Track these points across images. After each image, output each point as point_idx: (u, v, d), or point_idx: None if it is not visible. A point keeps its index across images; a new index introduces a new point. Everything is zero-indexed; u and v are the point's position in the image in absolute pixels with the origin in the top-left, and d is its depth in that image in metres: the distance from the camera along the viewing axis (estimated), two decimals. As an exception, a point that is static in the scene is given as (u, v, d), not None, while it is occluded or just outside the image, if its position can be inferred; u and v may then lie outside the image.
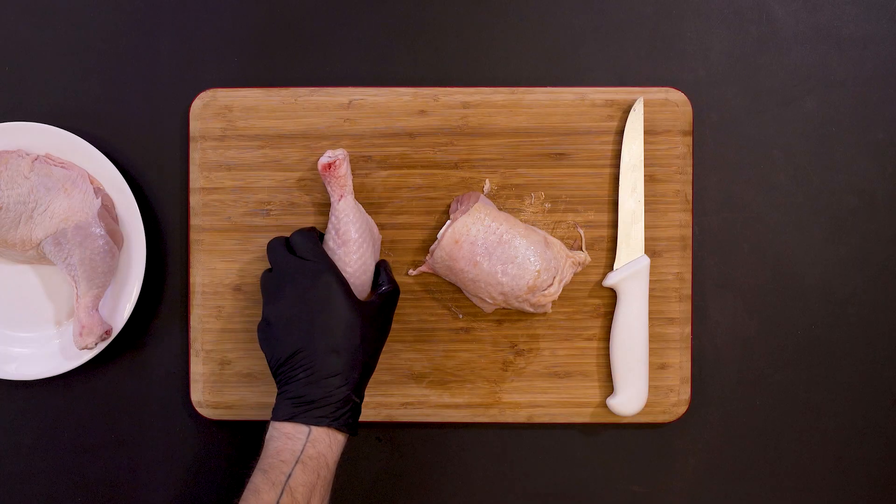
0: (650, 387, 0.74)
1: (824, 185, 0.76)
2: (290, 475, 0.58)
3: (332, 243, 0.68)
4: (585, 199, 0.74)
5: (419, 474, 0.76)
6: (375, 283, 0.70)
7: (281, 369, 0.63)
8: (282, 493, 0.58)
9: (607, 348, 0.74)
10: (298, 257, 0.65)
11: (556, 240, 0.72)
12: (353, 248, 0.67)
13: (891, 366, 0.76)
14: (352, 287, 0.66)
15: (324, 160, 0.67)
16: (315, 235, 0.68)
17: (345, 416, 0.62)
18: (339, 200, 0.68)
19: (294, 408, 0.61)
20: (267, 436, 0.62)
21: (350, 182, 0.68)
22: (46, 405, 0.76)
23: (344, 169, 0.68)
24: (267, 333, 0.65)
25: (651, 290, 0.73)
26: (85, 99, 0.75)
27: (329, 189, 0.69)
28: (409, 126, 0.74)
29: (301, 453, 0.59)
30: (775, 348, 0.76)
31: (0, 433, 0.76)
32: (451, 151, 0.74)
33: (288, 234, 0.69)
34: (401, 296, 0.73)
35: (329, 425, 0.61)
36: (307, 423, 0.60)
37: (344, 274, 0.66)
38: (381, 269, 0.70)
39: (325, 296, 0.63)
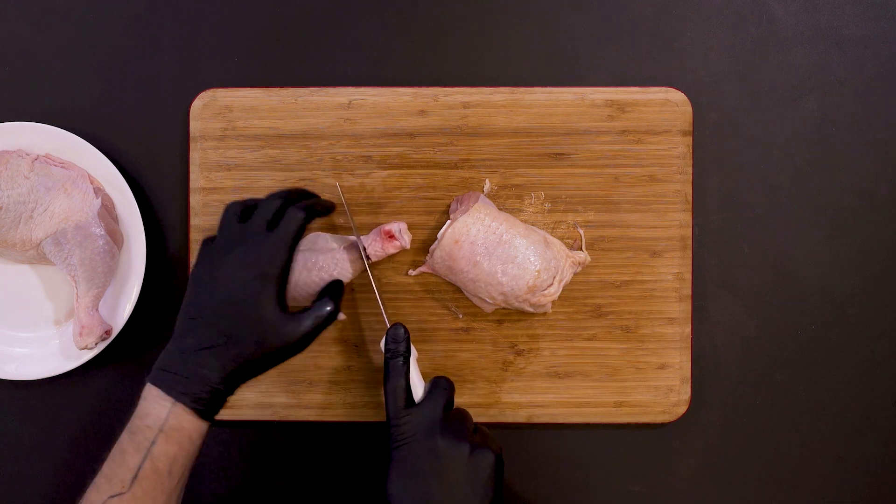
0: (650, 387, 0.74)
1: (824, 185, 0.76)
2: (153, 442, 0.59)
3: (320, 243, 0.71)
4: (585, 199, 0.74)
5: (419, 474, 0.76)
6: (322, 293, 0.67)
7: (179, 320, 0.62)
8: (144, 459, 0.58)
9: (607, 348, 0.74)
10: (255, 232, 0.63)
11: (556, 240, 0.72)
12: (322, 267, 0.70)
13: (891, 366, 0.76)
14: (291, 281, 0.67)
15: (393, 228, 0.70)
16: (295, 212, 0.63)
17: (203, 401, 0.60)
18: (353, 264, 0.70)
19: (163, 373, 0.60)
20: (143, 391, 0.61)
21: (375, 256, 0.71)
22: (46, 405, 0.76)
23: (393, 250, 0.71)
24: (195, 273, 0.64)
25: (651, 290, 0.74)
26: (85, 99, 0.75)
27: (372, 242, 0.71)
28: (409, 126, 0.74)
29: (164, 423, 0.59)
30: (775, 348, 0.76)
31: (0, 433, 0.76)
32: (451, 151, 0.74)
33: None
34: (401, 296, 0.73)
35: (185, 403, 0.60)
36: (169, 393, 0.59)
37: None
38: (334, 288, 0.68)
39: (253, 285, 0.61)
